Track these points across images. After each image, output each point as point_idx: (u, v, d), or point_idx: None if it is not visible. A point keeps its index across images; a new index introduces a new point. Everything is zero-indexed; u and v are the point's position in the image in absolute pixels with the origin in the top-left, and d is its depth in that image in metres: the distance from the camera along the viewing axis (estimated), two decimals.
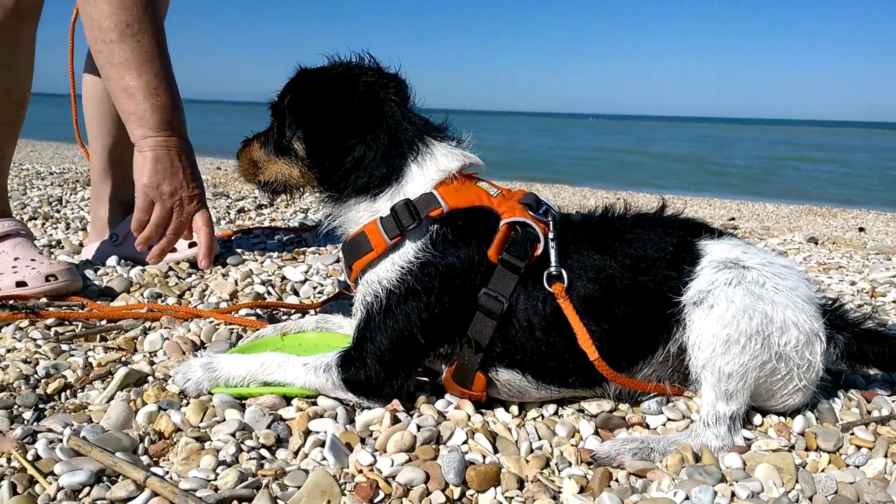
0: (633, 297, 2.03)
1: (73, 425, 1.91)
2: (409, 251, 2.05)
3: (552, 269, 2.01)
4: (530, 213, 2.08)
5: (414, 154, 2.12)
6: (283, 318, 2.92)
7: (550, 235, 2.05)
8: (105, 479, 1.68)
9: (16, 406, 2.02)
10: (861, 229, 9.77)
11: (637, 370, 2.10)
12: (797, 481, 1.79)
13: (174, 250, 3.47)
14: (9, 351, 2.40)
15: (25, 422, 1.95)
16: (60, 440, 1.81)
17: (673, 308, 1.99)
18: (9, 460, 1.73)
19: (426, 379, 2.23)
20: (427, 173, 2.11)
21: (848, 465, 1.90)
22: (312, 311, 3.00)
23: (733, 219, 10.34)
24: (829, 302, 2.15)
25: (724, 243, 2.09)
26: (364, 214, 2.14)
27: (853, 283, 3.75)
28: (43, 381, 2.18)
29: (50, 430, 1.88)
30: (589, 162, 27.43)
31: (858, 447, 1.96)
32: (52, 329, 2.63)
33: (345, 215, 2.20)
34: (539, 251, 2.03)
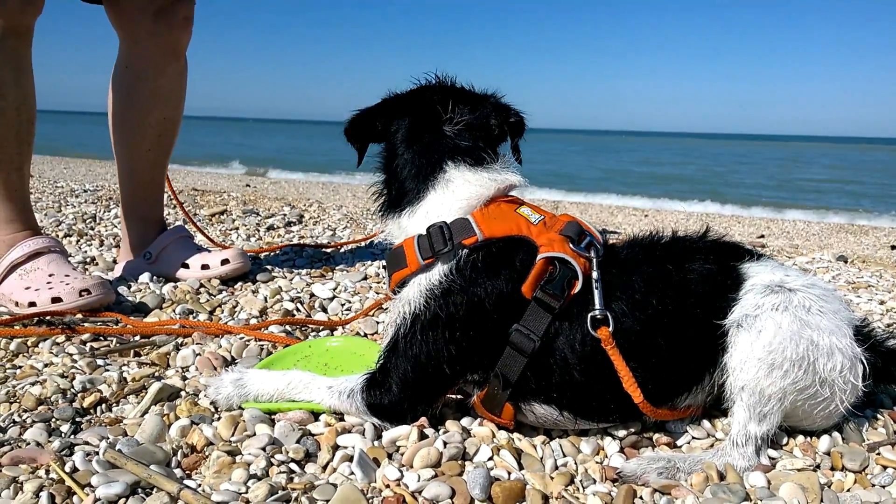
0: (678, 332, 1.99)
1: (108, 438, 1.96)
2: (434, 275, 2.01)
3: (597, 312, 1.95)
4: (571, 246, 2.01)
5: (439, 180, 2.10)
6: (312, 334, 2.97)
7: (594, 275, 1.99)
8: (140, 490, 1.72)
9: (53, 419, 2.07)
10: (893, 247, 9.66)
11: (680, 401, 2.08)
12: (822, 500, 1.79)
13: (207, 267, 3.54)
14: (46, 365, 2.47)
15: (63, 435, 2.00)
16: (97, 453, 1.86)
17: (719, 335, 1.97)
18: (47, 472, 1.79)
19: (454, 396, 2.26)
20: (454, 200, 2.08)
21: (874, 485, 1.89)
22: (340, 329, 3.04)
23: (762, 236, 10.27)
24: (861, 322, 2.14)
25: (765, 265, 2.09)
26: (395, 230, 2.17)
27: (882, 303, 3.72)
28: (79, 395, 2.24)
29: (87, 443, 1.94)
30: (610, 179, 27.33)
31: (885, 467, 1.95)
32: (88, 344, 2.70)
33: (384, 223, 2.22)
34: (576, 289, 1.98)
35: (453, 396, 2.24)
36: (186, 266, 3.59)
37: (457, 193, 2.09)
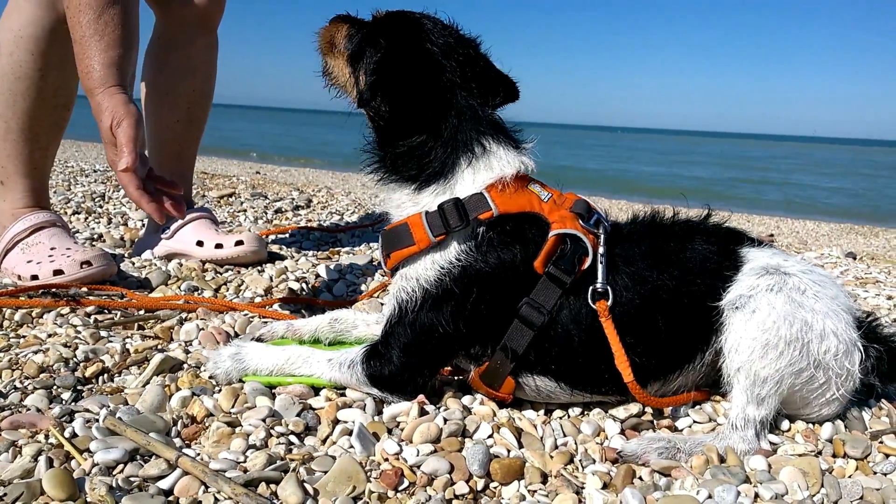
0: (676, 308, 2.01)
1: (109, 406, 1.96)
2: (451, 252, 2.01)
3: (598, 285, 1.98)
4: (581, 223, 2.04)
5: (469, 156, 2.05)
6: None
7: (600, 250, 2.01)
8: (138, 457, 1.73)
9: (55, 387, 2.08)
10: None
11: (672, 379, 2.10)
12: (822, 485, 1.78)
13: (220, 246, 3.51)
14: (50, 336, 2.47)
15: (64, 402, 2.01)
16: (97, 420, 1.87)
17: (714, 316, 1.98)
18: (46, 437, 1.79)
19: (453, 377, 2.26)
20: (478, 177, 2.04)
21: (875, 473, 1.88)
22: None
23: (772, 236, 10.20)
24: (864, 315, 2.13)
25: (766, 251, 2.10)
26: (406, 203, 2.09)
27: (890, 298, 3.69)
28: (82, 364, 2.24)
29: (87, 410, 1.94)
30: (614, 177, 27.15)
31: (887, 455, 1.94)
32: (92, 316, 2.70)
33: (387, 195, 2.15)
34: (586, 264, 2.00)
35: (456, 378, 2.24)
36: (201, 244, 3.57)
37: (477, 174, 2.05)
